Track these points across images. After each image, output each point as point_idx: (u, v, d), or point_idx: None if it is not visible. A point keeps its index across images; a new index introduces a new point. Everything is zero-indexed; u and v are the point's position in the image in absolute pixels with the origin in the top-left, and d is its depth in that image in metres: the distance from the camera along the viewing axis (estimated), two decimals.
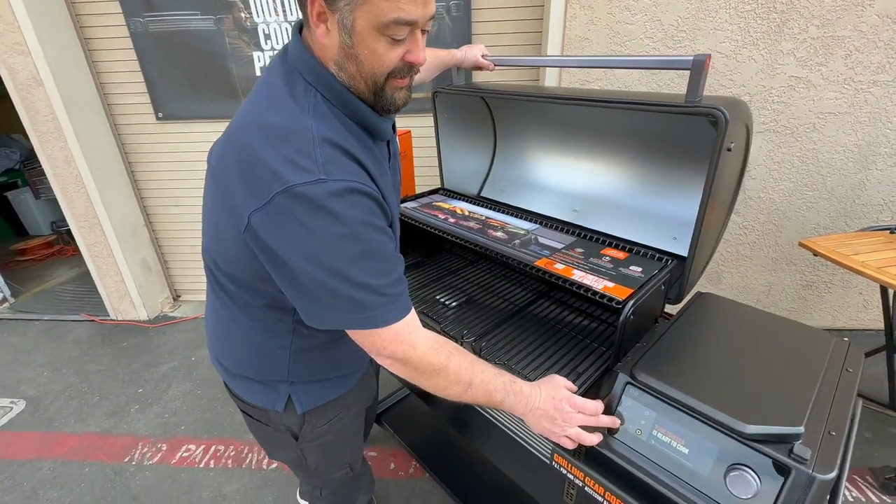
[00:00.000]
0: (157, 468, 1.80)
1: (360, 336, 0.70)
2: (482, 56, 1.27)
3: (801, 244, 1.50)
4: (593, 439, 0.76)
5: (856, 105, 1.92)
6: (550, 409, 0.76)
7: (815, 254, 1.45)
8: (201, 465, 1.79)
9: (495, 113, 1.51)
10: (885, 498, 1.56)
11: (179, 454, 1.86)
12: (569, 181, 1.43)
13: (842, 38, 1.82)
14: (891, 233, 1.58)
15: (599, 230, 1.27)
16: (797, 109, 1.95)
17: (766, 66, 1.89)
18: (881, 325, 1.73)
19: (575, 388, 0.83)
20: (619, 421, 0.78)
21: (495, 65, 1.28)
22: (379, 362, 0.74)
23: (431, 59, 1.23)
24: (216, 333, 0.90)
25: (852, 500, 1.57)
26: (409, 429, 1.76)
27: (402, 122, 2.29)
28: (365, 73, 0.65)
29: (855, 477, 1.64)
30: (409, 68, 0.67)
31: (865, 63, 1.85)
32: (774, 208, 2.15)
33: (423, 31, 0.66)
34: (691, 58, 0.90)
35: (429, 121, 1.52)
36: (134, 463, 1.82)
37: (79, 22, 2.27)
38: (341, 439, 0.99)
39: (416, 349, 0.71)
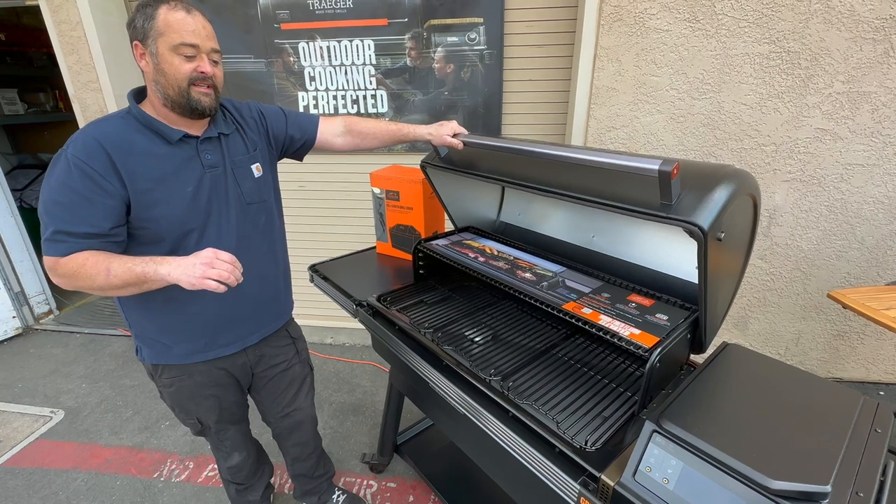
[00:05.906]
0: (184, 486, 1.85)
1: None
2: (454, 135, 1.32)
3: (829, 296, 1.50)
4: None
5: (885, 157, 1.93)
6: (190, 259, 0.94)
7: (845, 307, 1.44)
8: None
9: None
10: None
11: (205, 473, 1.91)
12: (586, 206, 1.44)
13: (868, 93, 1.85)
14: None
15: (620, 257, 1.29)
16: (824, 160, 1.98)
17: (791, 118, 1.93)
18: None
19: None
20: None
21: (465, 144, 1.31)
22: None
23: (384, 134, 1.37)
24: None
25: None
26: (430, 461, 1.77)
27: None
28: (170, 80, 0.99)
29: None
30: (203, 77, 1.01)
31: (894, 118, 1.87)
32: (802, 256, 2.14)
33: (213, 61, 1.03)
34: (656, 167, 0.81)
35: None
36: (162, 479, 1.88)
37: None
38: (183, 397, 1.27)
39: (58, 262, 0.96)
